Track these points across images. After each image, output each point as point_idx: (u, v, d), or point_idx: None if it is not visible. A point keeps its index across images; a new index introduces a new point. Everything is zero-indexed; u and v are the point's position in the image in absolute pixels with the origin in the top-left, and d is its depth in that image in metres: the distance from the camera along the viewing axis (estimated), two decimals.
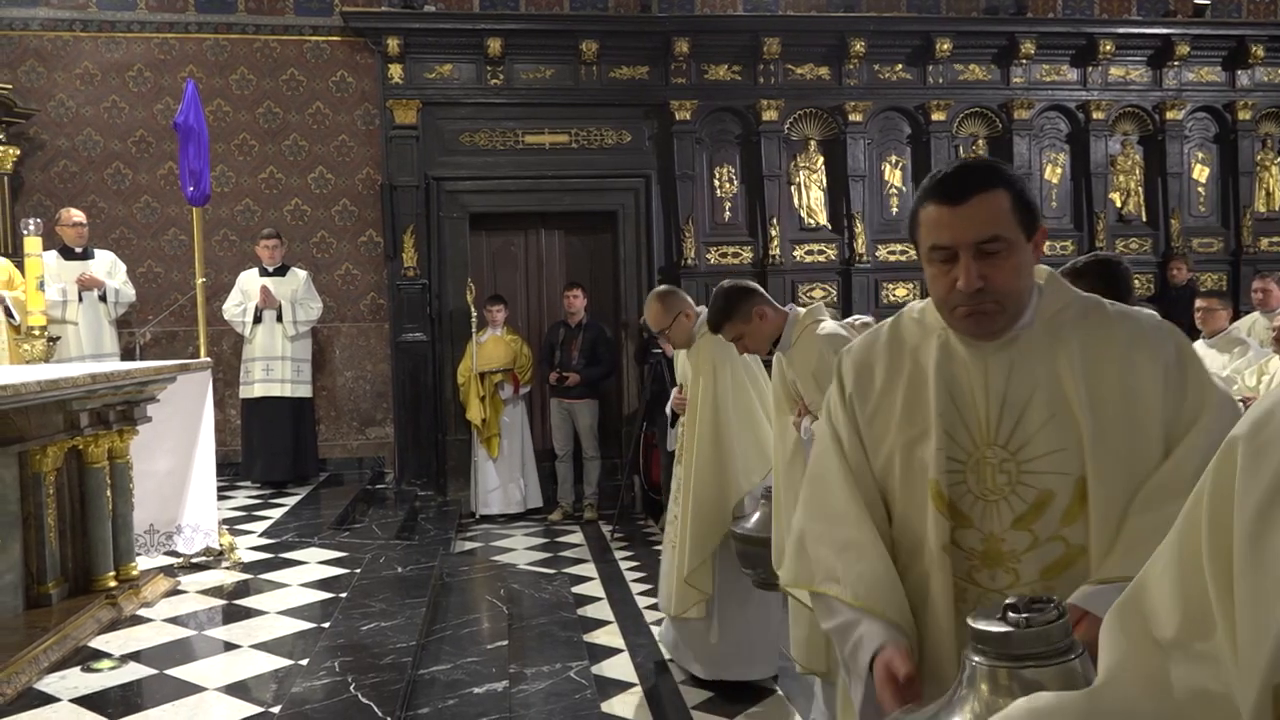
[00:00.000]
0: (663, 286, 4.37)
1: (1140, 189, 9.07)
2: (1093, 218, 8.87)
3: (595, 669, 4.30)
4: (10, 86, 7.33)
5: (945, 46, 8.48)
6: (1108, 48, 8.73)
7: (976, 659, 1.12)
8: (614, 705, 3.98)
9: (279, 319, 7.35)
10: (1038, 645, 1.09)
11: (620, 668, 4.44)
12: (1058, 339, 1.53)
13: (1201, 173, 9.19)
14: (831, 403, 1.71)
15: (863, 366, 1.67)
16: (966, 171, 1.52)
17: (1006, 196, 1.49)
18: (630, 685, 4.22)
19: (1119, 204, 9.04)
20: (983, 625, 1.14)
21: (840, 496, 1.62)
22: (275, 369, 7.34)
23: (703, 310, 4.28)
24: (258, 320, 7.33)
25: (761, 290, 3.51)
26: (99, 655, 3.69)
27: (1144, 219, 9.08)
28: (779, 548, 3.63)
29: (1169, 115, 8.95)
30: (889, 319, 1.71)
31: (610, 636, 4.89)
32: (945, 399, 1.55)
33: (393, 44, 7.92)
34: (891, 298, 8.56)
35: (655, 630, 4.91)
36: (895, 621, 1.50)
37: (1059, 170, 8.94)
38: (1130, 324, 1.56)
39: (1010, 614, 1.13)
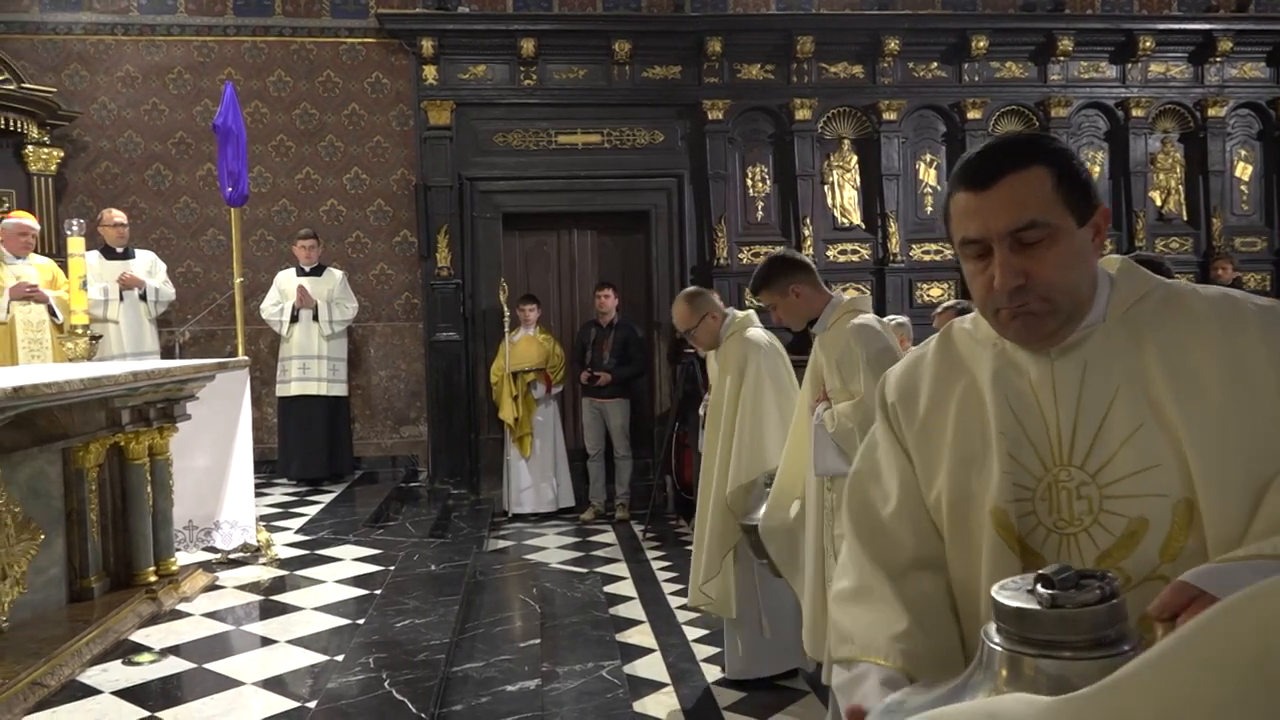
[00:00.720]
0: (692, 288, 4.39)
1: (1181, 187, 8.91)
2: (1132, 217, 8.73)
3: (627, 668, 4.30)
4: (54, 90, 7.47)
5: (981, 44, 8.40)
6: (1148, 44, 8.59)
7: (997, 639, 0.91)
8: (646, 705, 3.98)
9: (315, 318, 7.43)
10: (1067, 631, 0.87)
11: (652, 667, 4.44)
12: (1138, 334, 1.26)
13: (1244, 170, 9.02)
14: (873, 435, 1.48)
15: (906, 388, 1.43)
16: (996, 149, 1.28)
17: (1047, 174, 1.24)
18: (662, 685, 4.21)
19: (1159, 203, 8.88)
20: (1005, 597, 0.91)
21: (855, 544, 1.42)
22: (311, 368, 7.43)
23: (731, 312, 4.28)
24: (295, 319, 7.42)
25: (810, 267, 3.47)
26: (140, 649, 3.75)
27: (1185, 218, 8.93)
28: (772, 530, 3.61)
29: (1211, 112, 8.79)
30: (935, 335, 1.48)
31: (642, 636, 4.89)
32: (1006, 414, 1.30)
33: (427, 45, 7.97)
34: (926, 298, 8.47)
35: (687, 631, 4.91)
36: (905, 670, 1.24)
37: (1097, 169, 8.80)
38: (1228, 305, 1.26)
39: (1041, 587, 0.89)
